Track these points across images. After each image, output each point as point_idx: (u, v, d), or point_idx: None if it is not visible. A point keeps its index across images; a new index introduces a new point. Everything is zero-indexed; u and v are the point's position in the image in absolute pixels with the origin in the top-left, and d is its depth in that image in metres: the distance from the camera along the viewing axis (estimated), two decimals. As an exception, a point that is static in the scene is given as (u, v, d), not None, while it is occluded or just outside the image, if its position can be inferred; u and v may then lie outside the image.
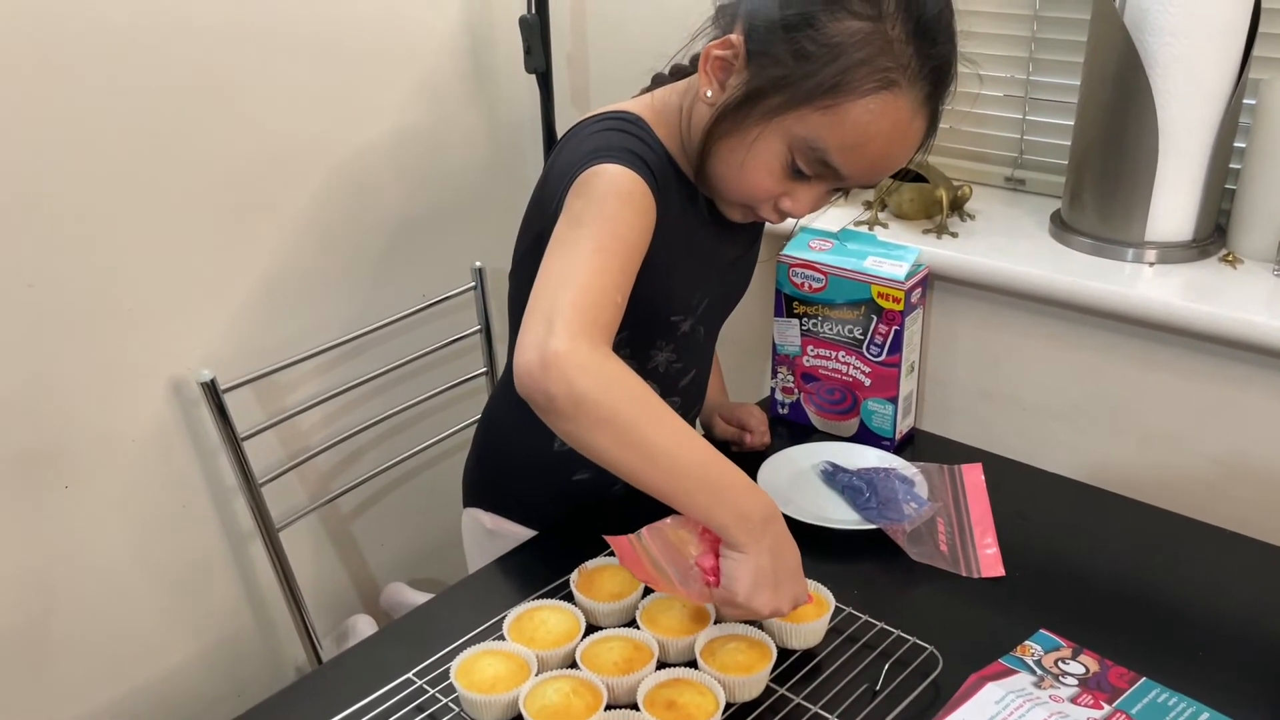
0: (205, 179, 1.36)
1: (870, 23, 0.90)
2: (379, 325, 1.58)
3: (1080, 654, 0.96)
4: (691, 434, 0.89)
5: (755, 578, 0.87)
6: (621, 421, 0.85)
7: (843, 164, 0.95)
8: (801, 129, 0.94)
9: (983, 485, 1.23)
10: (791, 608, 0.90)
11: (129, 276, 1.31)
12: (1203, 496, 1.28)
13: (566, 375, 0.83)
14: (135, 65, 1.26)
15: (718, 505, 0.87)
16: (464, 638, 0.97)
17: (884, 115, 0.92)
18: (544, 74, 1.61)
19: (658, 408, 0.87)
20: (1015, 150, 1.54)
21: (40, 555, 1.31)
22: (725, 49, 0.96)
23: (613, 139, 1.00)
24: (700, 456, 0.88)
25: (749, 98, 0.95)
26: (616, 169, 0.95)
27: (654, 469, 0.86)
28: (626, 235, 0.93)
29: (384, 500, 1.73)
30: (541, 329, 0.85)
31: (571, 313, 0.85)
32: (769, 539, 0.88)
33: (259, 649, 1.59)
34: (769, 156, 0.96)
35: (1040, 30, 1.46)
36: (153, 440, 1.38)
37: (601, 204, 0.93)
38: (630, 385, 0.86)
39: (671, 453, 0.86)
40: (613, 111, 1.05)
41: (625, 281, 0.92)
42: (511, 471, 1.22)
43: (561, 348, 0.83)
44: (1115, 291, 1.26)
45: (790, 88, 0.92)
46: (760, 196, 1.00)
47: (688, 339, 1.14)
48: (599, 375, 0.84)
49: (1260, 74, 1.28)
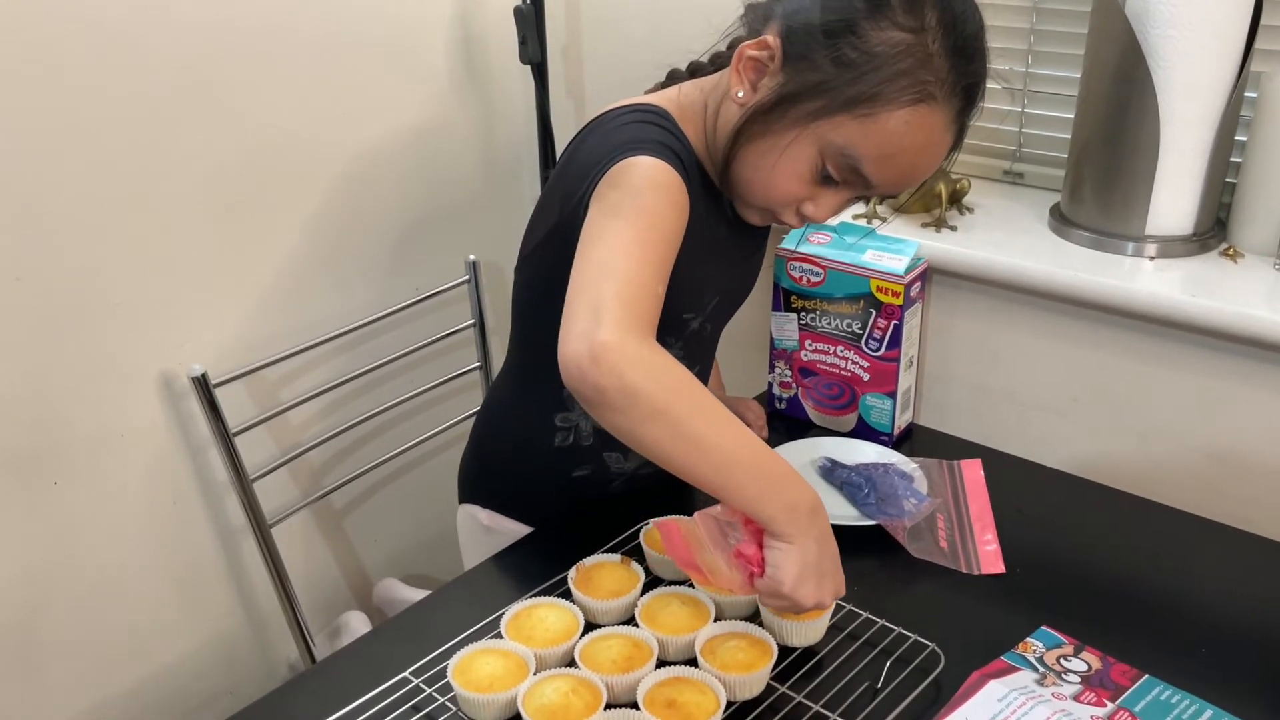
0: (196, 172, 1.34)
1: (912, 34, 0.90)
2: (372, 319, 1.57)
3: (1082, 651, 0.95)
4: (740, 426, 0.88)
5: (802, 569, 0.87)
6: (674, 414, 0.84)
7: (873, 173, 0.95)
8: (837, 136, 0.93)
9: (982, 481, 1.23)
10: (833, 600, 0.90)
11: (119, 270, 1.30)
12: (1203, 491, 1.28)
13: (617, 368, 0.82)
14: (125, 60, 1.24)
15: (767, 496, 0.87)
16: (461, 635, 0.96)
17: (919, 127, 0.92)
18: (539, 65, 1.59)
19: (707, 400, 0.87)
20: (1014, 144, 1.53)
21: (29, 553, 1.30)
22: (761, 50, 0.95)
23: (643, 131, 0.98)
24: (750, 449, 0.87)
25: (783, 100, 0.94)
26: (651, 161, 0.94)
27: (706, 461, 0.86)
28: (664, 227, 0.92)
29: (377, 496, 1.72)
30: (588, 321, 0.84)
31: (617, 304, 0.84)
32: (815, 530, 0.88)
33: (251, 646, 1.58)
34: (800, 161, 0.95)
35: (1039, 22, 1.45)
36: (143, 436, 1.37)
37: (638, 195, 0.92)
38: (680, 378, 0.86)
39: (723, 445, 0.86)
40: (640, 104, 1.04)
41: (664, 273, 0.91)
42: (509, 467, 1.21)
43: (611, 339, 0.82)
44: (1115, 286, 1.25)
45: (829, 94, 0.92)
46: (786, 201, 0.99)
47: (696, 336, 1.13)
48: (649, 368, 0.83)
49: (1261, 67, 1.28)
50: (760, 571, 0.88)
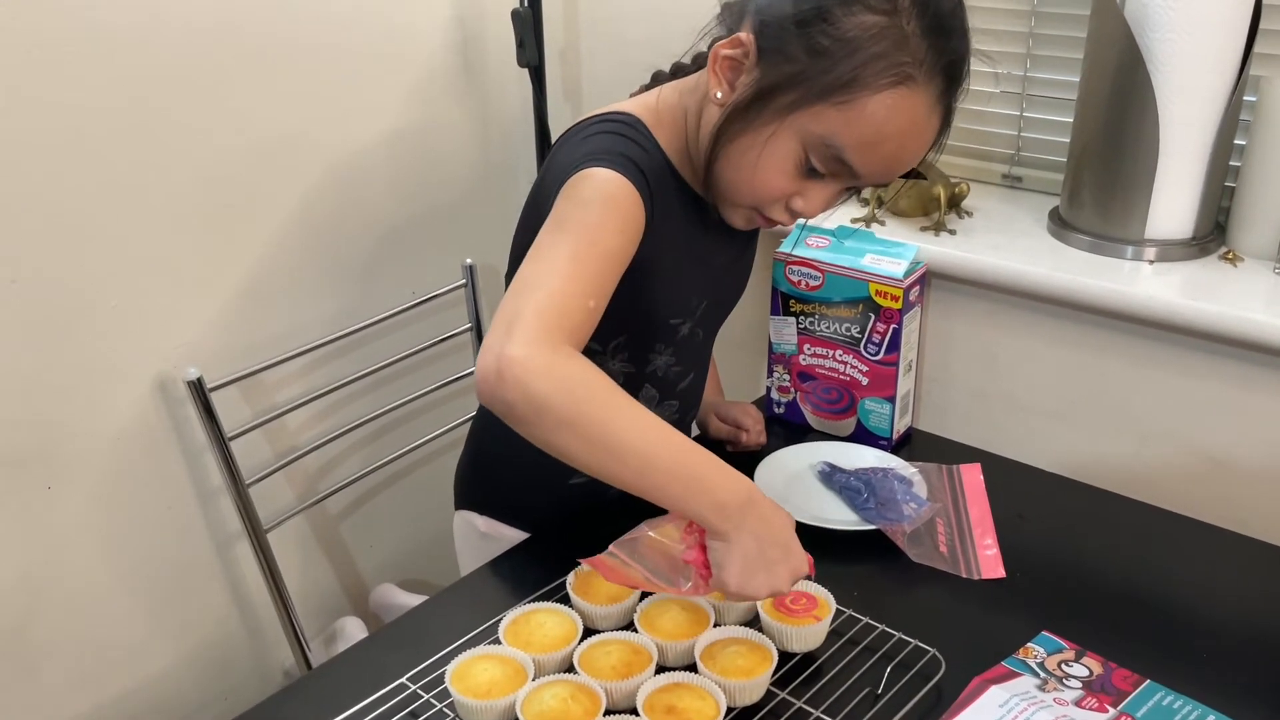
0: (191, 175, 1.33)
1: (885, 17, 0.89)
2: (368, 323, 1.56)
3: (1083, 656, 0.95)
4: (661, 427, 0.86)
5: (743, 564, 0.86)
6: (585, 423, 0.83)
7: (858, 161, 0.93)
8: (817, 126, 0.92)
9: (981, 485, 1.22)
10: (791, 584, 0.89)
11: (114, 273, 1.29)
12: (1203, 495, 1.27)
13: (522, 381, 0.81)
14: (120, 61, 1.23)
15: (692, 497, 0.86)
16: (459, 641, 0.96)
17: (900, 111, 0.90)
18: (536, 68, 1.59)
19: (623, 404, 0.86)
20: (1013, 147, 1.53)
21: (23, 557, 1.29)
22: (734, 48, 0.94)
23: (608, 142, 0.98)
24: (670, 450, 0.86)
25: (761, 95, 0.93)
26: (606, 173, 0.94)
27: (623, 468, 0.85)
28: (607, 241, 0.91)
29: (373, 501, 1.71)
30: (500, 335, 0.83)
31: (533, 318, 0.84)
32: (750, 523, 0.87)
33: (246, 652, 1.57)
34: (783, 155, 0.94)
35: (1038, 26, 1.45)
36: (137, 440, 1.36)
37: (585, 209, 0.92)
38: (592, 384, 0.84)
39: (640, 450, 0.85)
40: (611, 113, 1.03)
41: (601, 286, 0.90)
42: (505, 475, 1.21)
43: (517, 353, 0.82)
44: (1114, 289, 1.25)
45: (805, 84, 0.90)
46: (772, 197, 0.98)
47: (687, 342, 1.13)
48: (557, 378, 0.82)
49: (1261, 71, 1.28)
50: (707, 574, 0.88)
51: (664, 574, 0.89)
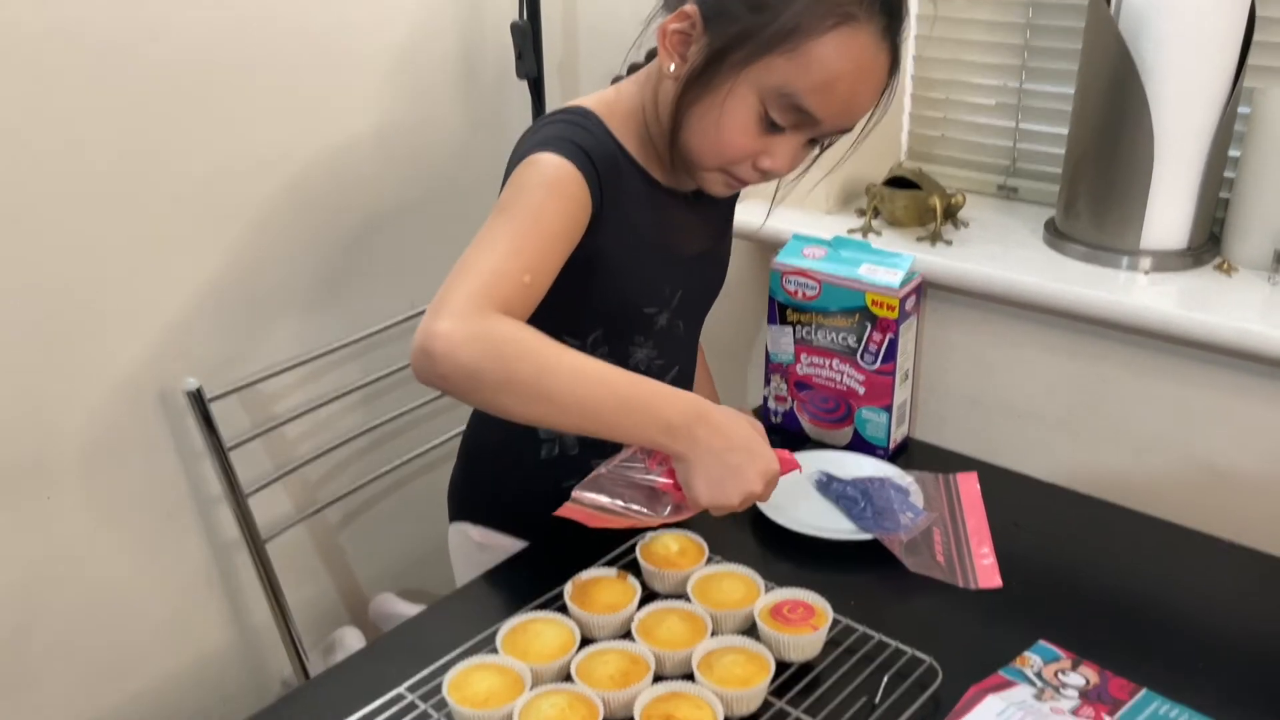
0: (191, 186, 1.34)
1: None
2: (367, 333, 1.57)
3: (1080, 665, 0.95)
4: (598, 367, 0.88)
5: (707, 478, 0.89)
6: (520, 379, 0.85)
7: (815, 106, 0.95)
8: (770, 78, 0.94)
9: (978, 494, 1.23)
10: (764, 486, 0.90)
11: (113, 284, 1.29)
12: (1199, 505, 1.28)
13: (449, 354, 0.83)
14: (118, 73, 1.24)
15: (641, 427, 0.88)
16: (456, 651, 0.96)
17: (848, 50, 0.93)
18: (535, 80, 1.60)
19: (554, 354, 0.87)
20: (1008, 158, 1.54)
21: (22, 567, 1.29)
22: (681, 21, 0.97)
23: (556, 130, 1.01)
24: (610, 388, 0.88)
25: (712, 59, 0.96)
26: (549, 157, 0.96)
27: (569, 414, 0.88)
28: (547, 221, 0.93)
29: (373, 510, 1.71)
30: (429, 314, 0.86)
31: (462, 296, 0.86)
32: (702, 436, 0.89)
33: (245, 662, 1.57)
34: (743, 112, 0.96)
35: (1033, 38, 1.46)
36: (137, 450, 1.36)
37: (527, 193, 0.95)
38: (520, 341, 0.86)
39: (580, 394, 0.87)
40: (563, 108, 1.06)
41: (540, 263, 0.92)
42: (499, 483, 1.21)
43: (441, 327, 0.83)
44: (1110, 299, 1.26)
45: (752, 38, 0.93)
46: (738, 156, 1.00)
47: (666, 334, 1.14)
48: (484, 342, 0.84)
49: (1255, 82, 1.28)
50: (681, 496, 0.89)
51: (642, 504, 0.90)
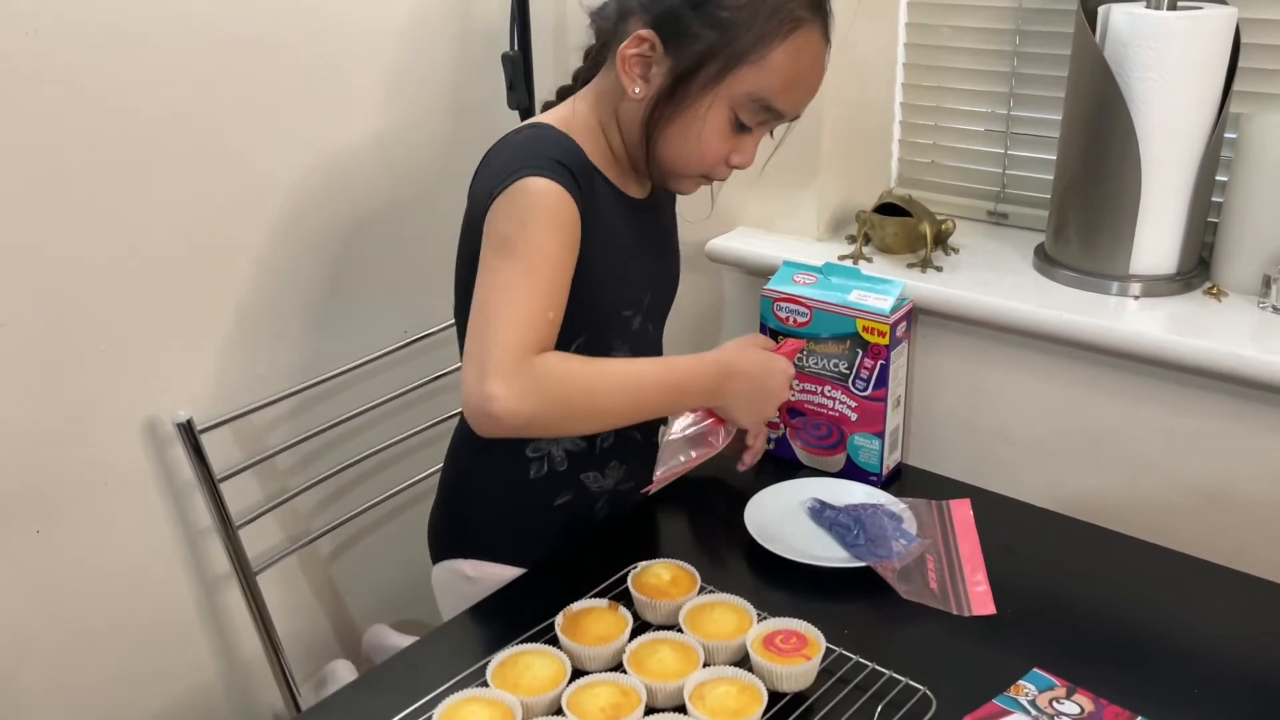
0: (180, 217, 1.34)
1: None
2: (359, 363, 1.57)
3: (1074, 693, 0.94)
4: (630, 372, 1.03)
5: (746, 412, 1.13)
6: (575, 410, 0.99)
7: (783, 105, 1.04)
8: (741, 87, 1.02)
9: (971, 521, 1.22)
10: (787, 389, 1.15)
11: (103, 316, 1.29)
12: (1192, 530, 1.27)
13: (510, 411, 0.93)
14: (107, 106, 1.24)
15: (683, 403, 1.11)
16: (446, 684, 0.95)
17: (805, 50, 1.02)
18: (527, 110, 1.60)
19: (595, 376, 1.00)
20: (998, 184, 1.55)
21: (11, 601, 1.28)
22: (637, 45, 1.03)
23: (533, 145, 1.04)
24: (648, 384, 1.04)
25: (681, 79, 1.02)
26: (540, 183, 1.00)
27: (623, 419, 1.05)
28: (553, 254, 0.99)
29: (365, 541, 1.70)
30: (475, 376, 0.94)
31: (499, 353, 0.94)
32: (730, 389, 1.11)
33: (235, 696, 1.56)
34: (719, 121, 1.04)
35: (1020, 66, 1.47)
36: (126, 483, 1.35)
37: (526, 227, 0.99)
38: (565, 377, 0.97)
39: (626, 401, 1.03)
40: (527, 124, 1.10)
41: (557, 297, 0.99)
42: (491, 511, 1.20)
43: (495, 390, 0.92)
44: (1100, 325, 1.26)
45: (720, 55, 1.01)
46: (716, 160, 1.07)
47: (639, 335, 1.17)
48: (536, 393, 0.94)
49: (1241, 108, 1.29)
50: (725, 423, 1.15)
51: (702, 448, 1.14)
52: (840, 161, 1.51)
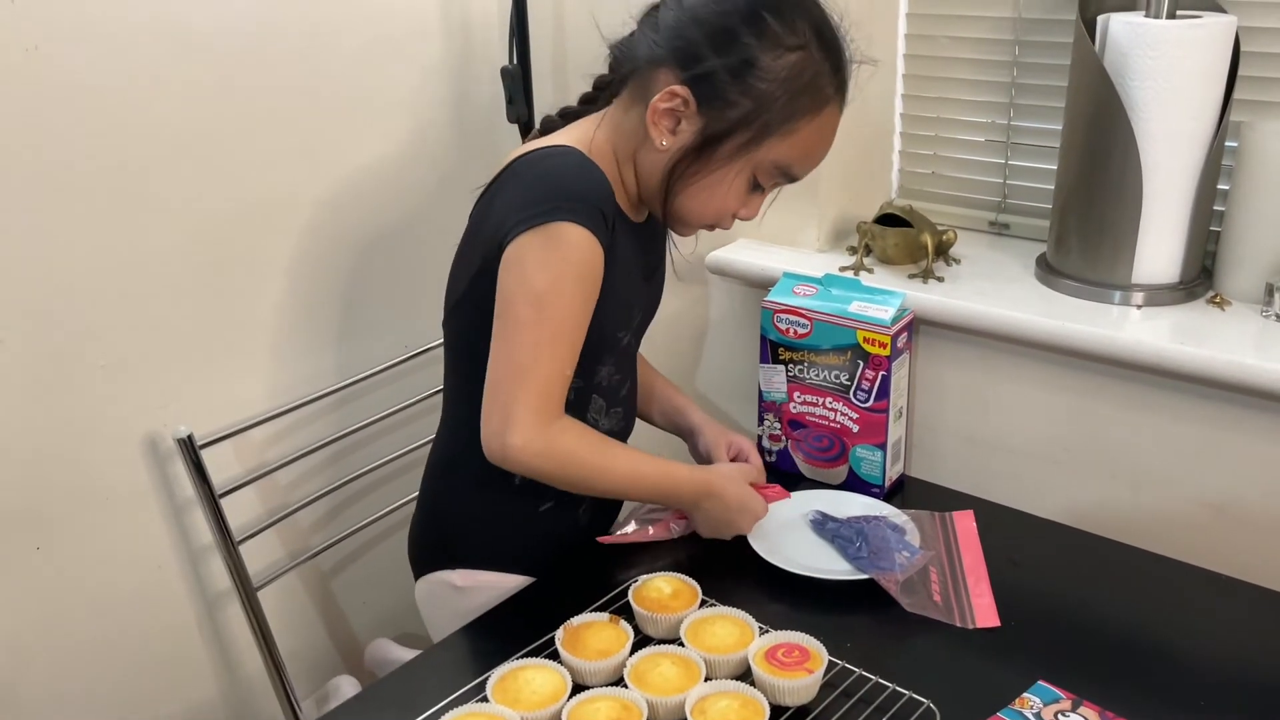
0: (181, 233, 1.34)
1: (801, 51, 1.02)
2: (360, 378, 1.56)
3: (1080, 706, 0.93)
4: (631, 466, 1.12)
5: (709, 527, 1.19)
6: (580, 482, 1.10)
7: (800, 172, 1.09)
8: (769, 155, 1.06)
9: (974, 532, 1.22)
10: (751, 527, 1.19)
11: (103, 331, 1.29)
12: (1197, 540, 1.27)
13: (523, 465, 1.03)
14: (110, 120, 1.24)
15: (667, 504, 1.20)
16: (446, 699, 0.94)
17: (829, 124, 1.07)
18: (526, 124, 1.61)
19: (602, 462, 1.09)
20: (999, 195, 1.54)
21: (10, 618, 1.27)
22: (672, 100, 1.03)
23: (566, 178, 1.04)
24: (644, 482, 1.13)
25: (711, 140, 1.04)
26: (577, 234, 1.01)
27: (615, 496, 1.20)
28: (580, 315, 1.04)
29: (366, 556, 1.70)
30: (499, 424, 1.02)
31: (524, 413, 1.01)
32: (707, 507, 1.17)
33: (236, 712, 1.55)
34: (737, 183, 1.08)
35: (1020, 76, 1.47)
36: (127, 499, 1.35)
37: (560, 287, 1.02)
38: (580, 453, 1.07)
39: (622, 488, 1.14)
40: (559, 148, 1.08)
41: (575, 352, 1.05)
42: (476, 520, 1.20)
43: (516, 442, 1.01)
44: (1103, 334, 1.25)
45: (753, 125, 1.03)
46: (725, 215, 1.11)
47: (625, 352, 1.19)
48: (549, 459, 1.04)
49: (1241, 116, 1.29)
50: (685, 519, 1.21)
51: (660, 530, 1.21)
52: (841, 172, 1.50)
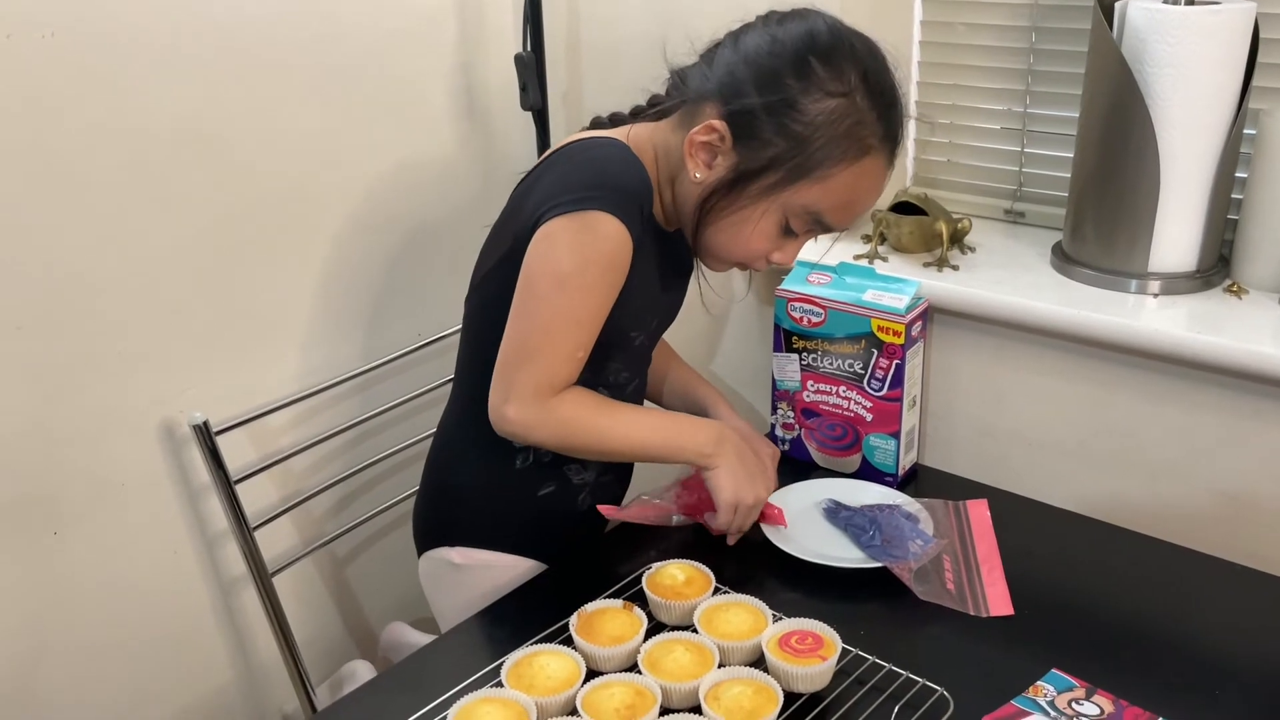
0: (198, 221, 1.34)
1: (844, 98, 1.00)
2: (374, 365, 1.57)
3: (1094, 694, 0.93)
4: (638, 421, 1.11)
5: (733, 480, 1.11)
6: (582, 447, 1.10)
7: (833, 220, 1.07)
8: (798, 198, 1.04)
9: (989, 521, 1.21)
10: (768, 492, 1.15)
11: (119, 318, 1.30)
12: (1213, 530, 1.26)
13: (523, 434, 1.06)
14: (124, 108, 1.25)
15: (679, 455, 1.11)
16: (461, 684, 0.95)
17: (867, 175, 1.04)
18: (540, 111, 1.60)
19: (605, 422, 1.08)
20: (1014, 183, 1.54)
21: (28, 604, 1.29)
22: (709, 134, 1.03)
23: (610, 168, 1.05)
24: (654, 435, 1.11)
25: (743, 177, 1.04)
26: (610, 224, 1.02)
27: (625, 458, 1.21)
28: (600, 302, 1.04)
29: (381, 543, 1.71)
30: (499, 395, 1.05)
31: (523, 387, 1.03)
32: (729, 448, 1.11)
33: (251, 697, 1.56)
34: (767, 225, 1.06)
35: (1036, 63, 1.46)
36: (142, 485, 1.36)
37: (585, 271, 1.02)
38: (578, 421, 1.06)
39: (632, 446, 1.11)
40: (609, 139, 1.09)
41: (591, 336, 1.05)
42: (476, 499, 1.21)
43: (513, 415, 1.04)
44: (1120, 323, 1.25)
45: (785, 166, 1.02)
46: (756, 256, 1.10)
47: (637, 352, 1.20)
48: (549, 427, 1.06)
49: (1260, 104, 1.28)
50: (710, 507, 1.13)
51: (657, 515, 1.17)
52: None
